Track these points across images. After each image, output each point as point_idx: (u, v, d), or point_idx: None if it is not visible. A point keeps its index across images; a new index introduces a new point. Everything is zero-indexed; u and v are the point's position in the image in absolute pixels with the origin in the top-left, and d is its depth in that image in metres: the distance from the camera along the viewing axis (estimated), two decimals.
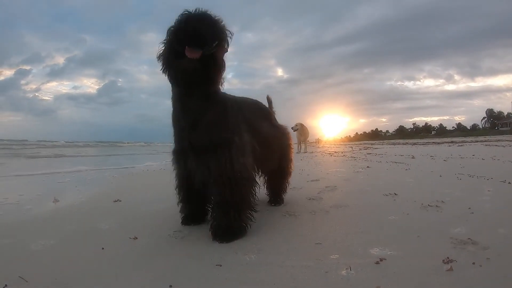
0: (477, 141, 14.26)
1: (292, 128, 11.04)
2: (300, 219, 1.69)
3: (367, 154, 7.27)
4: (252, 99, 1.88)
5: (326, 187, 2.63)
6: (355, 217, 1.66)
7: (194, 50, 1.18)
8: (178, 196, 1.62)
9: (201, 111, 1.34)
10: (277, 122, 2.01)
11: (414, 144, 15.58)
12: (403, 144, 17.42)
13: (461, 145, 10.05)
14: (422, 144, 14.19)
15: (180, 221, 1.64)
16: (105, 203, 2.31)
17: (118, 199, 2.36)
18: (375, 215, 1.68)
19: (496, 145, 8.73)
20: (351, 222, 1.57)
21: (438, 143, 14.29)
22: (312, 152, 9.95)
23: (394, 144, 19.32)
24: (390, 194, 2.17)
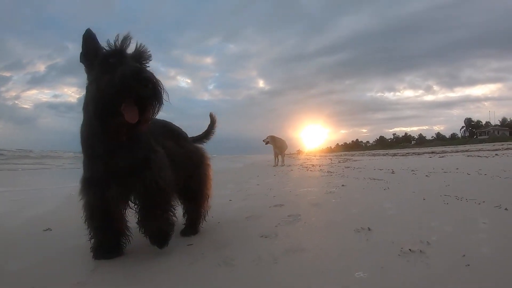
0: (458, 151, 14.23)
1: (263, 141, 10.65)
2: (236, 272, 1.23)
3: (345, 168, 6.89)
4: (162, 120, 1.76)
5: (288, 216, 2.16)
6: (309, 272, 1.20)
7: (135, 114, 1.16)
8: (90, 227, 1.47)
9: None
10: (188, 142, 1.89)
11: (394, 155, 15.42)
12: (383, 155, 17.29)
13: (442, 156, 9.88)
14: (403, 155, 14.03)
15: (94, 257, 1.45)
16: (33, 232, 1.99)
17: (49, 228, 2.03)
18: (337, 269, 1.21)
19: (478, 156, 8.53)
20: (301, 284, 1.11)
21: (419, 154, 14.16)
22: (289, 166, 9.54)
23: (374, 155, 19.21)
24: (363, 229, 1.70)
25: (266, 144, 10.53)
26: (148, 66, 1.29)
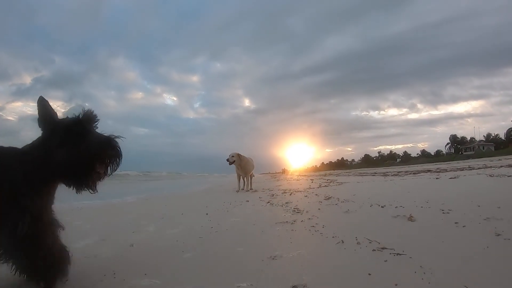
0: (462, 168, 12.08)
1: (227, 160, 8.18)
2: None
3: (325, 199, 4.49)
4: None
5: None
6: None
7: (106, 169, 1.42)
8: None
9: None
10: None
11: (385, 174, 13.19)
12: (372, 174, 15.05)
13: (454, 177, 7.64)
14: (395, 175, 11.80)
15: None
16: None
17: None
18: None
19: (505, 175, 6.27)
20: None
21: (414, 173, 11.92)
22: (255, 191, 7.10)
23: (361, 174, 16.98)
24: None
25: (230, 164, 8.05)
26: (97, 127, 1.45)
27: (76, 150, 1.32)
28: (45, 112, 1.43)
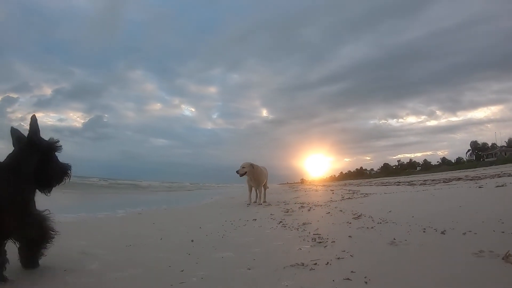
0: (494, 175, 10.70)
1: (237, 172, 7.15)
2: None
3: (354, 217, 3.49)
4: None
5: None
6: None
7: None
8: None
9: None
10: None
11: (411, 183, 11.92)
12: (396, 184, 13.78)
13: (481, 186, 6.45)
14: (424, 184, 10.55)
15: None
16: None
17: None
18: None
19: None
20: None
21: (445, 182, 10.60)
22: (269, 205, 6.08)
23: (383, 183, 15.69)
24: None
25: (241, 175, 7.02)
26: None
27: (57, 167, 1.90)
28: (34, 129, 1.81)
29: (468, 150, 76.80)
